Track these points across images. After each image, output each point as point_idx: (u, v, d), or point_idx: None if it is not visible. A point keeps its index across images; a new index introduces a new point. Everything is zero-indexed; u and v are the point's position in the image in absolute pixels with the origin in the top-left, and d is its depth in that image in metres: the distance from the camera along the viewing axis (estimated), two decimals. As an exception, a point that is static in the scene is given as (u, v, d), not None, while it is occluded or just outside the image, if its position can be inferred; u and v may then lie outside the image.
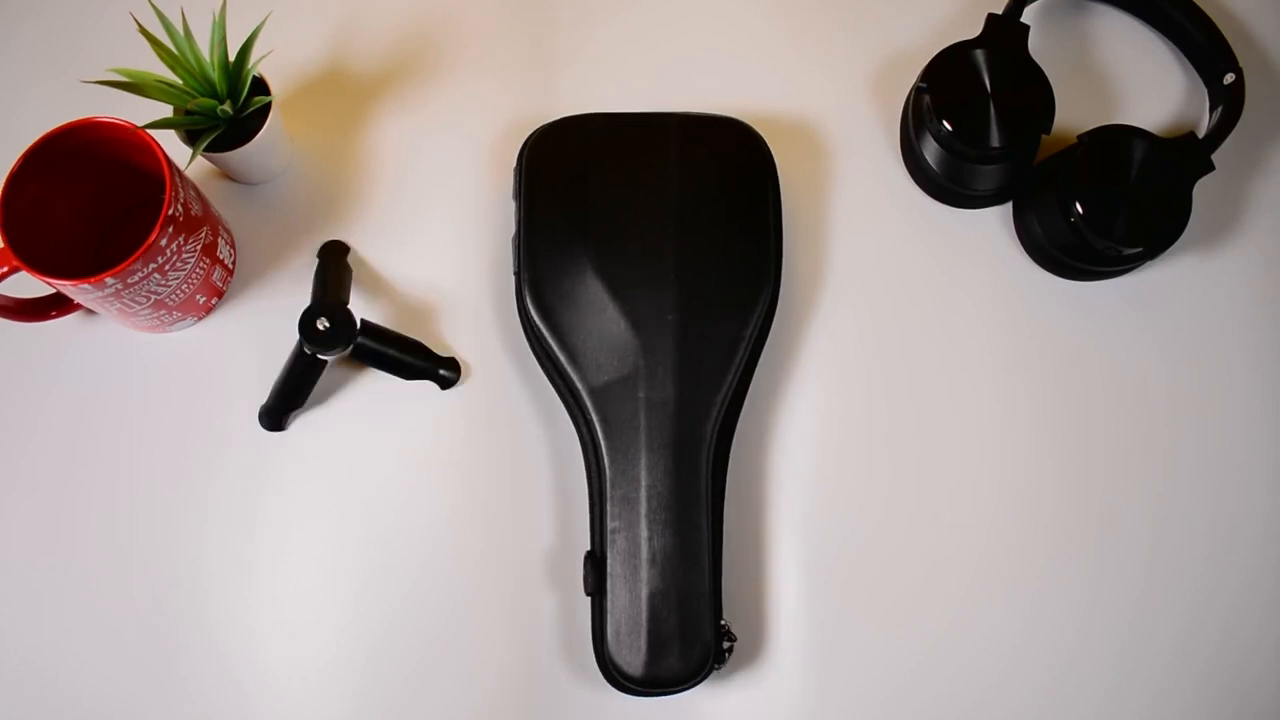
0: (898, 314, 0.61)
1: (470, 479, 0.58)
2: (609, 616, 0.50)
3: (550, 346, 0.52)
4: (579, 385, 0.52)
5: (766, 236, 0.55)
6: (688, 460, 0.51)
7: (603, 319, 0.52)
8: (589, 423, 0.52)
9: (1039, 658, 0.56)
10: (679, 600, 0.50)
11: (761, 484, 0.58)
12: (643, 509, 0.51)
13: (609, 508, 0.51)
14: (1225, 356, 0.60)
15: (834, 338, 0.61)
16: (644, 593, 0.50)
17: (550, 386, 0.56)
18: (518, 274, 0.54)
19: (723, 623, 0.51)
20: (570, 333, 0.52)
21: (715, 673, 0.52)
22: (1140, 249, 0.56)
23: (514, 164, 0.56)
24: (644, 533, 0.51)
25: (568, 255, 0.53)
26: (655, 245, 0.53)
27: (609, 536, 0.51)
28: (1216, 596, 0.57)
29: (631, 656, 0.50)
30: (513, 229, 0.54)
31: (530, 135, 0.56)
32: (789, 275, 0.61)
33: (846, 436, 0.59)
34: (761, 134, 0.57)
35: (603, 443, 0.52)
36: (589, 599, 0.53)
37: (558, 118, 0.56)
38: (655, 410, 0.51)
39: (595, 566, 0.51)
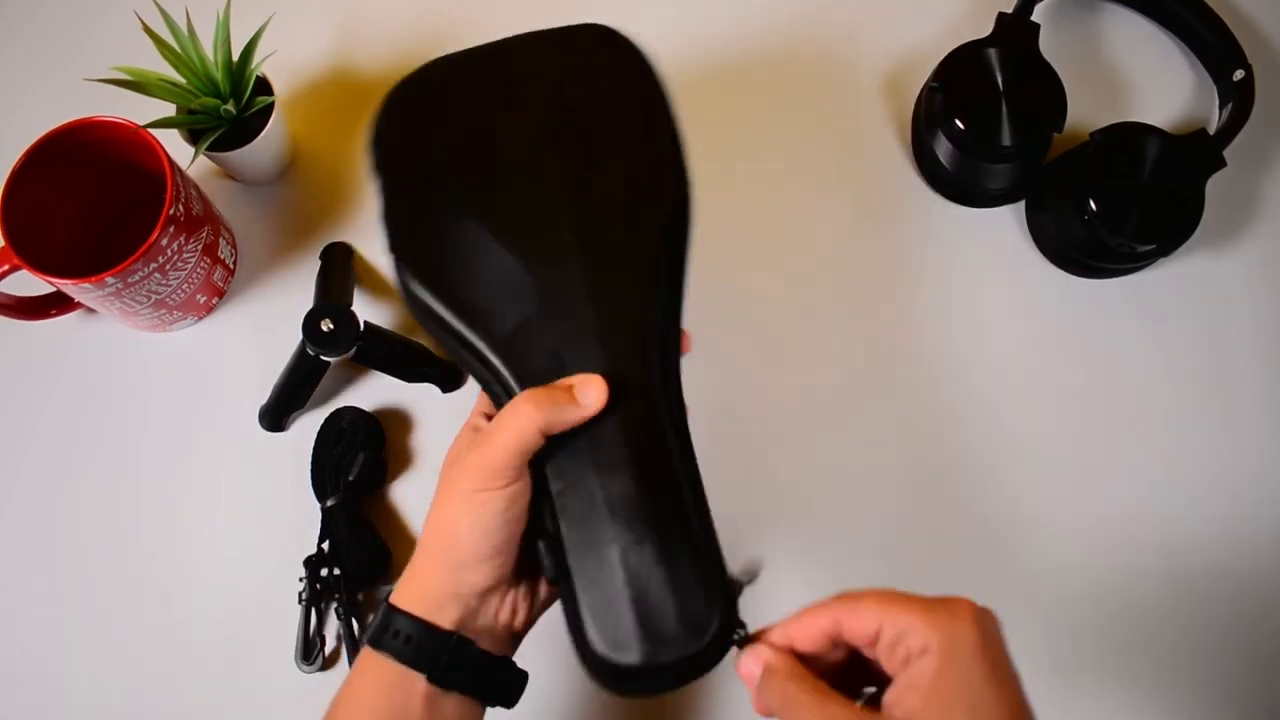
0: (910, 312, 0.61)
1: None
2: (582, 603, 0.39)
3: (444, 316, 0.43)
4: (482, 346, 0.42)
5: (657, 138, 0.46)
6: (631, 389, 0.41)
7: (487, 261, 0.43)
8: (505, 385, 0.42)
9: (1044, 661, 0.55)
10: (660, 554, 0.39)
11: (764, 494, 0.57)
12: (588, 458, 0.40)
13: (548, 470, 0.40)
14: (1238, 352, 0.60)
15: (847, 335, 0.60)
16: (614, 556, 0.39)
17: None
18: (393, 253, 0.44)
19: (730, 576, 0.40)
20: (459, 290, 0.43)
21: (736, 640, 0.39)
22: (1153, 246, 0.56)
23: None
24: (595, 482, 0.40)
25: (438, 208, 0.45)
26: (532, 167, 0.45)
27: (557, 504, 0.40)
28: (1221, 595, 0.56)
29: (623, 641, 0.38)
30: (379, 208, 0.45)
31: (378, 107, 0.48)
32: (799, 271, 0.61)
33: (857, 435, 0.58)
34: (627, 35, 0.48)
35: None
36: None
37: (400, 80, 0.48)
38: (572, 341, 0.42)
39: (551, 545, 0.40)
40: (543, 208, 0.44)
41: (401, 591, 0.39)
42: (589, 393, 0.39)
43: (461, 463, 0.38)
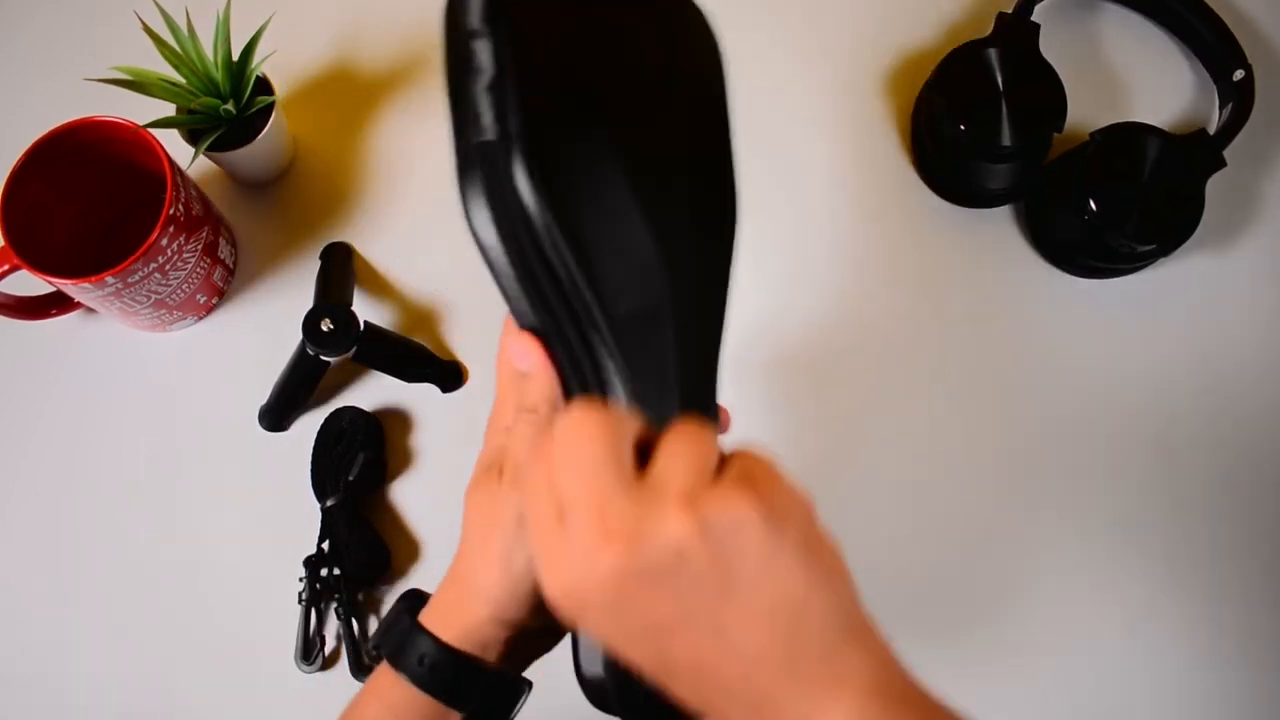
0: (909, 313, 0.61)
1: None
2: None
3: (562, 253, 0.32)
4: (597, 316, 0.32)
5: (729, 136, 0.38)
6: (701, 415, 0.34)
7: (623, 226, 0.33)
8: (600, 374, 0.33)
9: (1063, 665, 0.55)
10: None
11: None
12: None
13: None
14: (1238, 352, 0.60)
15: (845, 337, 0.60)
16: None
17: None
18: (497, 141, 0.31)
19: None
20: (587, 228, 0.32)
21: None
22: (1154, 246, 0.56)
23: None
24: None
25: (582, 122, 0.33)
26: (668, 131, 0.35)
27: None
28: (1227, 594, 0.56)
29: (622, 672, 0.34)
30: (485, 71, 0.32)
31: None
32: (801, 274, 0.61)
33: (854, 435, 0.58)
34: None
35: (628, 399, 0.33)
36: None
37: None
38: (688, 353, 0.34)
39: None
40: (674, 181, 0.35)
41: (433, 613, 0.36)
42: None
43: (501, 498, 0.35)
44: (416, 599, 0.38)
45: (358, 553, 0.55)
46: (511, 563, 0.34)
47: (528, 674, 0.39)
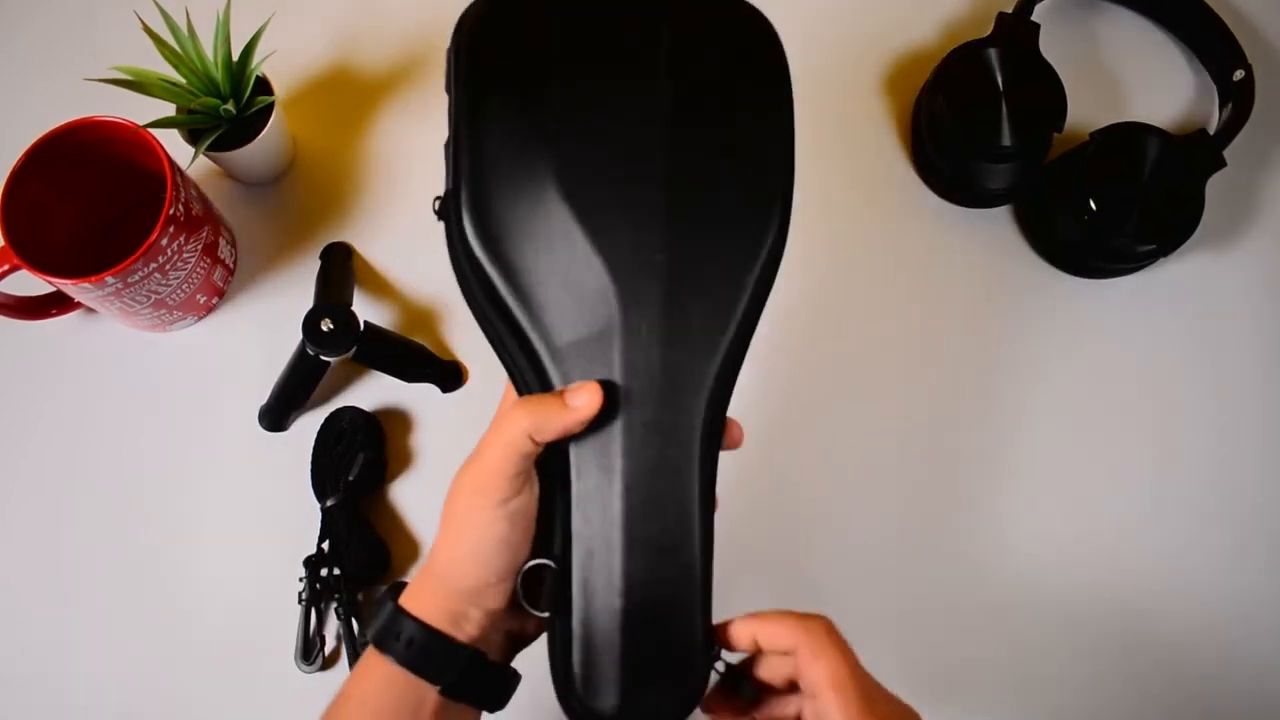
0: (907, 312, 0.61)
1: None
2: (574, 641, 0.38)
3: (498, 290, 0.37)
4: (537, 344, 0.37)
5: (775, 151, 0.40)
6: (677, 444, 0.39)
7: (569, 257, 0.37)
8: (547, 388, 0.38)
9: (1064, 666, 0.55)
10: (664, 616, 0.38)
11: (757, 478, 0.57)
12: (618, 506, 0.38)
13: (575, 504, 0.38)
14: (1237, 352, 0.60)
15: (843, 336, 0.60)
16: (619, 606, 0.38)
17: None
18: (451, 193, 0.37)
19: (716, 648, 0.39)
20: (525, 273, 0.37)
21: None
22: (1154, 246, 0.56)
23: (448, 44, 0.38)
24: (620, 536, 0.38)
25: (523, 166, 0.37)
26: (641, 159, 0.38)
27: (574, 539, 0.38)
28: (1229, 592, 0.56)
29: (605, 689, 0.37)
30: (446, 133, 0.38)
31: (470, 4, 0.39)
32: (796, 271, 0.60)
33: (850, 435, 0.58)
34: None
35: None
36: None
37: None
38: (637, 377, 0.38)
39: (557, 577, 0.38)
40: (640, 212, 0.38)
41: (413, 597, 0.38)
42: (580, 395, 0.37)
43: (457, 476, 0.38)
44: (401, 587, 0.40)
45: (358, 553, 0.55)
46: (487, 562, 0.37)
47: (525, 673, 0.40)
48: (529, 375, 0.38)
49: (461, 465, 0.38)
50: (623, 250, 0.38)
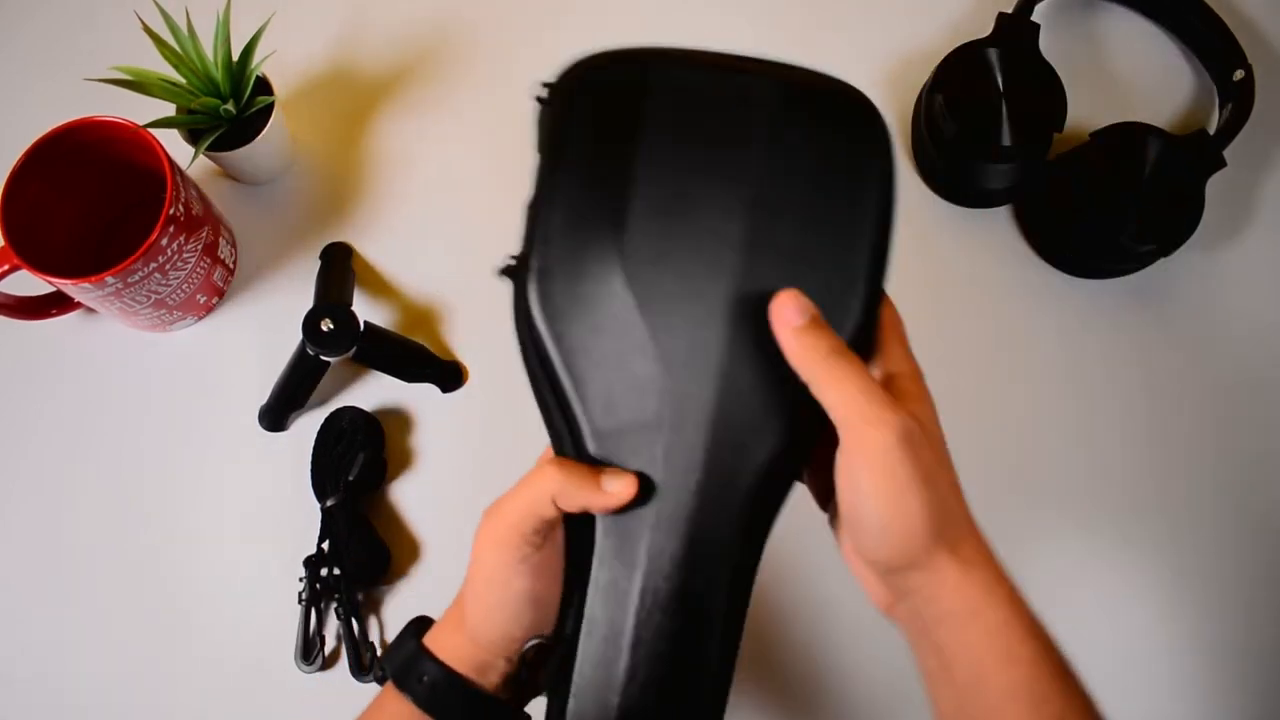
0: (907, 313, 0.60)
1: (469, 483, 0.57)
2: None
3: (553, 364, 0.37)
4: (581, 423, 0.37)
5: (861, 260, 0.38)
6: (704, 557, 0.37)
7: (625, 342, 0.37)
8: (581, 458, 0.38)
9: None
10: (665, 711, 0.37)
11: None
12: (633, 603, 0.37)
13: (592, 588, 0.37)
14: (1238, 352, 0.60)
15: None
16: (615, 703, 0.36)
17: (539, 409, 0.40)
18: (523, 256, 0.37)
19: None
20: (580, 352, 0.37)
21: None
22: (1154, 246, 0.56)
23: (540, 99, 0.38)
24: (628, 637, 0.36)
25: (593, 245, 0.37)
26: (712, 255, 0.37)
27: (585, 625, 0.37)
28: (1231, 594, 0.56)
29: None
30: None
31: (572, 65, 0.39)
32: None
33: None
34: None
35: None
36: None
37: (612, 48, 0.39)
38: (674, 475, 0.37)
39: (562, 658, 0.37)
40: (707, 306, 0.37)
41: (439, 637, 0.38)
42: (616, 482, 0.36)
43: (484, 517, 0.37)
44: (423, 623, 0.40)
45: (358, 553, 0.55)
46: (514, 617, 0.37)
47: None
48: (567, 444, 0.38)
49: (489, 506, 0.37)
50: (679, 345, 0.37)
